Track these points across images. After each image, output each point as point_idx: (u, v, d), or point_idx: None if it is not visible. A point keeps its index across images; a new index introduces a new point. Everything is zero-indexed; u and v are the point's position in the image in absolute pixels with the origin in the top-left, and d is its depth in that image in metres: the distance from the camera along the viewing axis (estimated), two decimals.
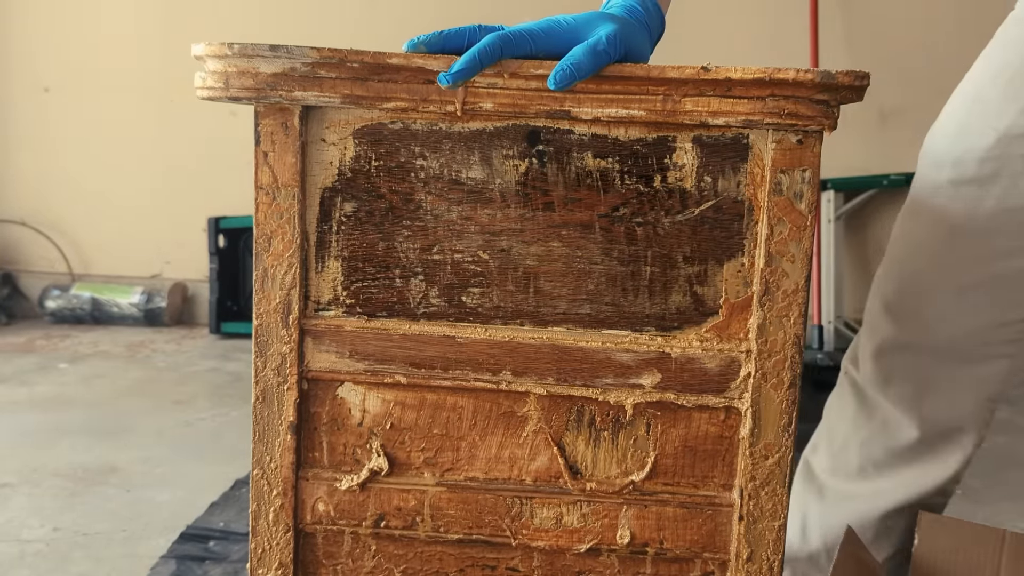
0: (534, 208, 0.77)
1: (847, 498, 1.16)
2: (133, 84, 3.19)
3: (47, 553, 1.42)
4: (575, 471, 0.81)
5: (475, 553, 0.82)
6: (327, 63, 0.73)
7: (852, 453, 1.16)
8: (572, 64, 0.71)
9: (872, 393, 1.13)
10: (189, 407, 2.23)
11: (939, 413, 1.11)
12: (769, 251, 0.76)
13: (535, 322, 0.79)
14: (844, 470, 1.17)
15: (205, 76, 0.75)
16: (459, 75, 0.71)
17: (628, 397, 0.79)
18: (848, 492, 1.17)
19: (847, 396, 1.17)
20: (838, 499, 1.17)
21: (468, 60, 0.71)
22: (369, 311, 0.80)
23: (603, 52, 0.72)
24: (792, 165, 0.74)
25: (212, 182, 3.15)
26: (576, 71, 0.71)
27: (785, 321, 0.76)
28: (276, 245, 0.78)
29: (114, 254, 3.27)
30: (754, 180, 0.76)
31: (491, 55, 0.71)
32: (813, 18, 2.78)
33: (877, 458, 1.14)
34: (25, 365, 2.57)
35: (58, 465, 1.79)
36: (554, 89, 0.72)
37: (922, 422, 1.11)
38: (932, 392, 1.09)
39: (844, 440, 1.17)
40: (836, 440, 1.18)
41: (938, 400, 1.10)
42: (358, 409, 0.81)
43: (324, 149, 0.78)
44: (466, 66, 0.71)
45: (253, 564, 0.82)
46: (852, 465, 1.16)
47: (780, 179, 0.75)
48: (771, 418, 0.78)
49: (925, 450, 1.12)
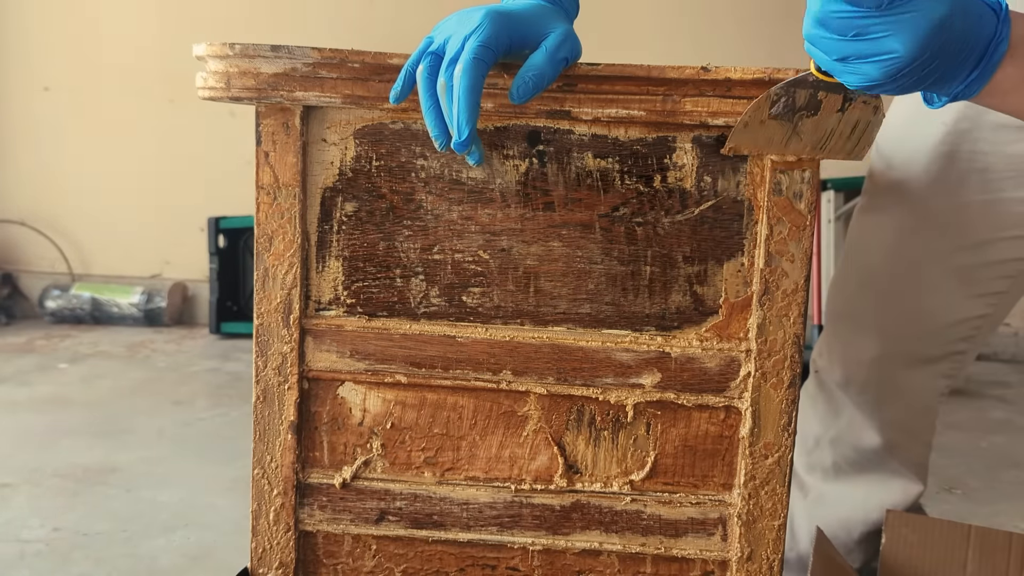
0: (534, 208, 0.77)
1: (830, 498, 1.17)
2: (133, 84, 3.19)
3: (47, 553, 1.42)
4: (575, 470, 0.81)
5: (475, 553, 0.82)
6: (328, 63, 0.73)
7: (825, 451, 1.16)
8: (534, 76, 0.69)
9: (838, 393, 1.13)
10: (189, 407, 2.23)
11: (900, 415, 1.11)
12: (769, 251, 0.76)
13: (535, 322, 0.79)
14: (820, 467, 1.17)
15: (206, 76, 0.75)
16: (469, 143, 0.69)
17: (628, 397, 0.79)
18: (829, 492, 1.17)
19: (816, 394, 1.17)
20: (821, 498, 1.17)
21: (470, 122, 0.68)
22: (370, 311, 0.80)
23: (562, 60, 0.70)
24: (791, 165, 0.74)
25: (212, 182, 3.15)
26: (539, 82, 0.69)
27: (785, 321, 0.77)
28: (277, 245, 0.78)
29: (114, 254, 3.27)
30: (754, 180, 0.76)
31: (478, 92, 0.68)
32: None
33: (849, 456, 1.15)
34: (25, 365, 2.57)
35: (58, 465, 1.79)
36: (517, 103, 0.69)
37: (883, 426, 1.11)
38: (892, 395, 1.09)
39: (816, 438, 1.17)
40: (809, 438, 1.18)
41: (898, 403, 1.10)
42: (359, 409, 0.81)
43: (325, 149, 0.78)
44: (471, 130, 0.68)
45: (253, 564, 0.82)
46: (827, 462, 1.16)
47: (780, 179, 0.75)
48: (771, 417, 0.78)
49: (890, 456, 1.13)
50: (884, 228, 1.05)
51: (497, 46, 0.69)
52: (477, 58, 0.68)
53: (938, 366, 1.08)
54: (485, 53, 0.68)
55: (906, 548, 1.06)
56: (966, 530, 1.05)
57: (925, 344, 1.07)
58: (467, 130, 0.68)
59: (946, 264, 1.02)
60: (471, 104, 0.67)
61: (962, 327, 1.05)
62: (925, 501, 1.67)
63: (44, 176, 3.27)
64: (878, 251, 1.06)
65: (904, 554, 1.06)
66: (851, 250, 1.11)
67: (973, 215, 0.99)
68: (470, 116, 0.68)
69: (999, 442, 2.13)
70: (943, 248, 1.02)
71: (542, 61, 0.69)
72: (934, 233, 1.02)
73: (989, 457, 2.03)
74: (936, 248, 1.02)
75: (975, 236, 1.00)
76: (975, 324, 1.05)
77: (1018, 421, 2.32)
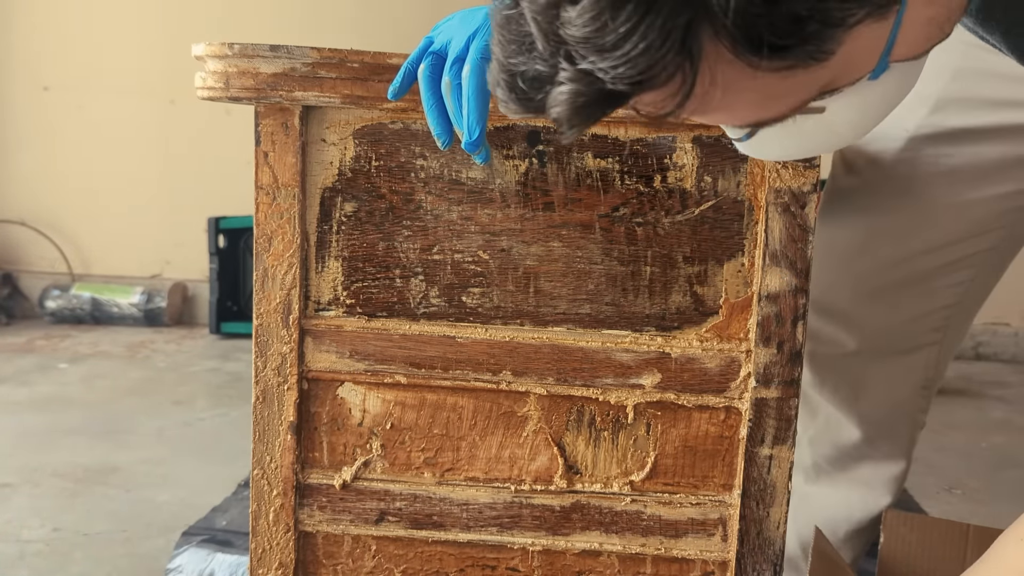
0: (534, 208, 0.77)
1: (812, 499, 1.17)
2: (133, 84, 3.19)
3: (47, 553, 1.42)
4: (575, 471, 0.81)
5: (475, 553, 0.82)
6: (327, 63, 0.73)
7: (804, 451, 1.16)
8: None
9: (812, 393, 1.14)
10: (189, 407, 2.23)
11: (875, 409, 1.12)
12: (769, 251, 0.76)
13: (535, 322, 0.79)
14: (801, 467, 1.18)
15: (205, 76, 0.75)
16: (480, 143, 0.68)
17: (628, 397, 0.79)
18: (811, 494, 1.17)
19: None
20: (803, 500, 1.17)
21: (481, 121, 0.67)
22: (369, 311, 0.80)
23: None
24: (792, 165, 0.74)
25: (212, 182, 3.15)
26: None
27: (785, 321, 0.76)
28: (276, 245, 0.78)
29: (114, 254, 3.27)
30: (754, 180, 0.76)
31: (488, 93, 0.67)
32: None
33: (828, 455, 1.15)
34: (25, 365, 2.57)
35: (58, 465, 1.79)
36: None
37: (861, 420, 1.12)
38: (867, 390, 1.10)
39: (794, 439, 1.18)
40: None
41: (874, 397, 1.11)
42: (358, 409, 0.81)
43: (324, 149, 0.78)
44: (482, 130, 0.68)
45: (253, 564, 0.82)
46: (806, 463, 1.17)
47: (780, 179, 0.75)
48: (771, 418, 0.78)
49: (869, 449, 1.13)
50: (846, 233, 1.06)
51: None
52: (485, 58, 0.67)
53: (912, 358, 1.09)
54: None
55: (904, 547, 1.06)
56: (964, 529, 1.05)
57: (894, 339, 1.08)
58: (478, 130, 0.68)
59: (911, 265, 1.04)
60: (481, 105, 0.67)
61: (930, 318, 1.06)
62: (925, 501, 1.67)
63: (44, 176, 3.27)
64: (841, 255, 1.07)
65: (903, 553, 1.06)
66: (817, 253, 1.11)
67: (939, 217, 1.01)
68: (480, 116, 0.67)
69: (999, 442, 2.13)
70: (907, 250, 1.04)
71: None
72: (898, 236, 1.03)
73: (989, 457, 2.03)
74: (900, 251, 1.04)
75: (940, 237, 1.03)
76: (944, 314, 1.06)
77: (1018, 421, 2.32)
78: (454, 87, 0.69)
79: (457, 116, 0.69)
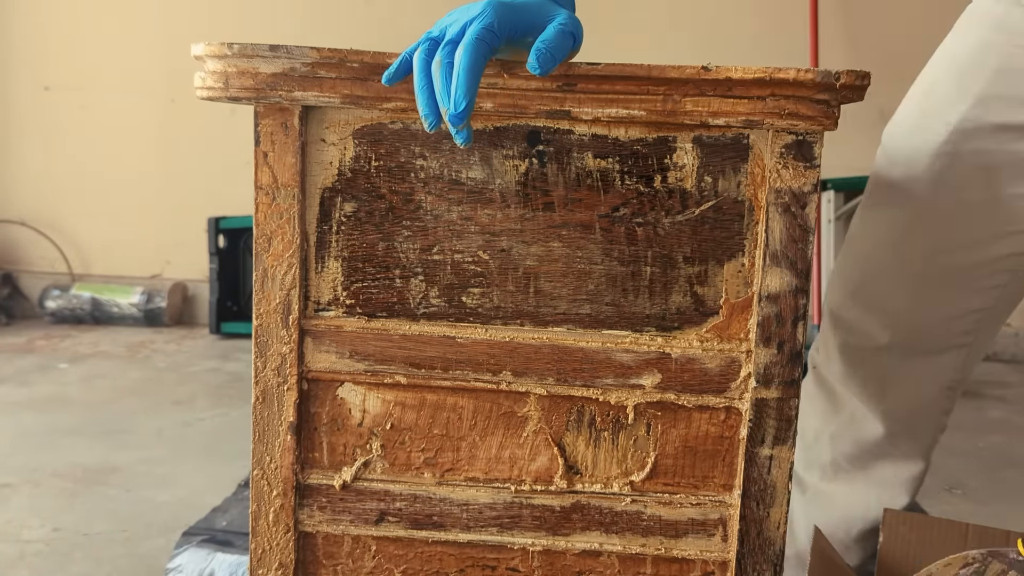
0: (534, 208, 0.77)
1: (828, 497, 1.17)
2: (133, 84, 3.19)
3: (47, 553, 1.42)
4: (575, 471, 0.80)
5: (475, 553, 0.82)
6: (327, 63, 0.73)
7: (824, 447, 1.16)
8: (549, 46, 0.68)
9: (839, 388, 1.14)
10: (189, 407, 2.23)
11: (901, 406, 1.12)
12: (769, 251, 0.76)
13: (535, 322, 0.79)
14: (817, 464, 1.18)
15: (205, 76, 0.75)
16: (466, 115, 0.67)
17: (628, 397, 0.79)
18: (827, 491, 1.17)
19: (815, 390, 1.18)
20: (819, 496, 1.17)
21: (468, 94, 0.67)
22: (369, 311, 0.80)
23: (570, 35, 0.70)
24: (792, 165, 0.74)
25: (212, 182, 3.15)
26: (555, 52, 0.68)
27: (786, 321, 0.76)
28: (276, 245, 0.78)
29: (114, 254, 3.27)
30: (754, 180, 0.76)
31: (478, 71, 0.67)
32: (813, 18, 2.77)
33: (848, 452, 1.15)
34: (25, 365, 2.57)
35: (58, 465, 1.79)
36: (540, 75, 0.68)
37: (885, 416, 1.12)
38: (894, 386, 1.10)
39: (815, 434, 1.18)
40: (807, 434, 1.19)
41: (900, 394, 1.11)
42: (358, 409, 0.81)
43: (324, 149, 0.77)
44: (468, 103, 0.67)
45: (253, 564, 0.82)
46: (824, 459, 1.17)
47: (780, 179, 0.75)
48: (771, 418, 0.78)
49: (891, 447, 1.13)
50: (886, 223, 1.07)
51: (500, 30, 0.68)
52: (479, 39, 0.67)
53: (941, 358, 1.09)
54: (487, 35, 0.67)
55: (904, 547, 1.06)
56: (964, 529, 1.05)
57: (926, 337, 1.08)
58: (464, 103, 0.66)
59: (947, 259, 1.04)
60: (471, 79, 0.66)
61: (963, 320, 1.06)
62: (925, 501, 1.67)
63: (44, 176, 3.27)
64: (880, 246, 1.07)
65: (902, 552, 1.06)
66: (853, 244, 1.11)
67: (975, 212, 1.01)
68: (468, 90, 0.66)
69: (999, 442, 2.13)
70: (945, 244, 1.03)
71: (554, 33, 0.69)
72: (936, 229, 1.03)
73: (989, 457, 2.03)
74: (938, 244, 1.04)
75: (977, 233, 1.02)
76: (976, 317, 1.06)
77: (1018, 421, 2.32)
78: (444, 65, 0.68)
79: (444, 92, 0.68)
